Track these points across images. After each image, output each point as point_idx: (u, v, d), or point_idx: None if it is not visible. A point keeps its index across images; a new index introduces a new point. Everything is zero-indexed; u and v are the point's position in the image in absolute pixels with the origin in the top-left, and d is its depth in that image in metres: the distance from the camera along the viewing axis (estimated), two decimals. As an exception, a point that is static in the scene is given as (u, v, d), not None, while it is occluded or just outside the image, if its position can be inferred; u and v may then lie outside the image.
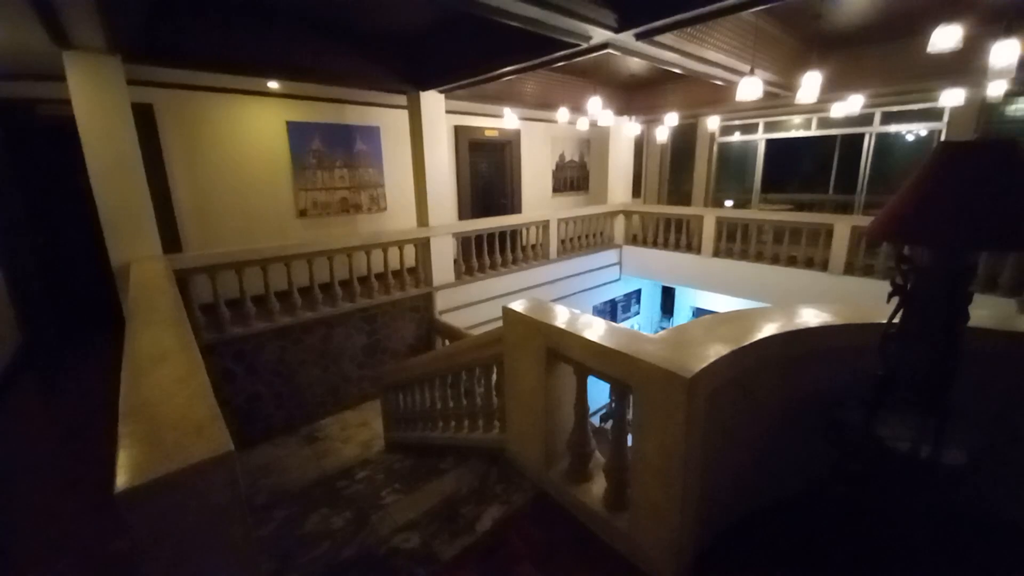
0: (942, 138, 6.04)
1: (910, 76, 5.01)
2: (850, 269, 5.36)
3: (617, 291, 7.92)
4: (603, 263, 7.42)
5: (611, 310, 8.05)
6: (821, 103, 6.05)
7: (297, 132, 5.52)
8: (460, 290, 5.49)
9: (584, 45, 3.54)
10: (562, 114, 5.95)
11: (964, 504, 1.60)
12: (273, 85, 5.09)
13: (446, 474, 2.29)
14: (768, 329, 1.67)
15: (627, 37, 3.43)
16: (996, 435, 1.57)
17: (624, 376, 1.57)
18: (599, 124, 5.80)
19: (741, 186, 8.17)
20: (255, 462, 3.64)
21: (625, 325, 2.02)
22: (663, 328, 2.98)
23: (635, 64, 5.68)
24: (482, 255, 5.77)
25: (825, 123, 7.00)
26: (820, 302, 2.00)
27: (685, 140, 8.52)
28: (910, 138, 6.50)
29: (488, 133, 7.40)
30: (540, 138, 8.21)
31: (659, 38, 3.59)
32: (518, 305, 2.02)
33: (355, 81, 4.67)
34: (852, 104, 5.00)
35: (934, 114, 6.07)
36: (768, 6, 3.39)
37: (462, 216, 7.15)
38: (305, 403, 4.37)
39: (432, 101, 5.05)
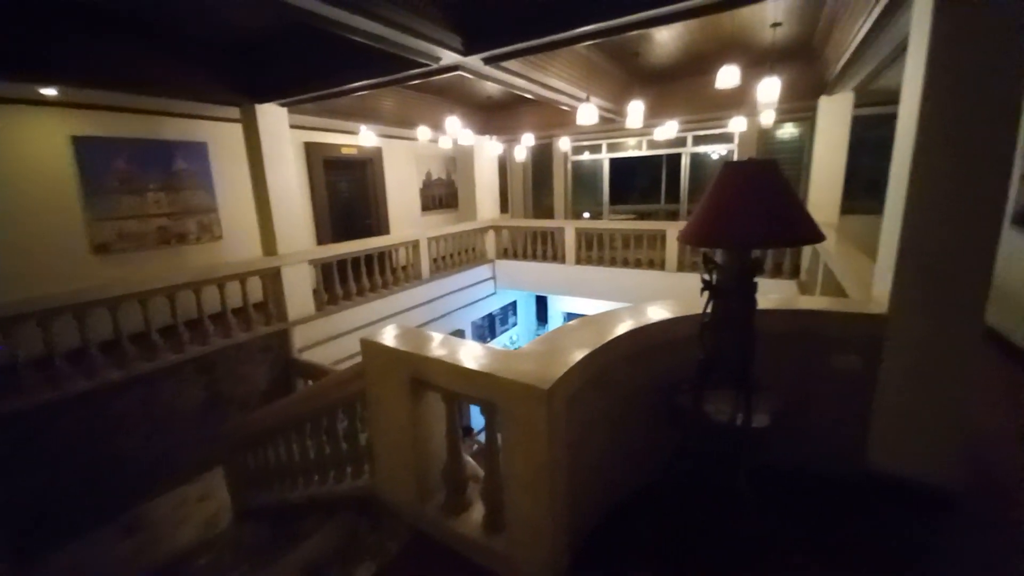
0: (734, 158, 7.51)
1: (707, 106, 6.14)
2: (682, 267, 6.32)
3: (494, 305, 8.09)
4: (478, 279, 7.52)
5: (490, 324, 8.19)
6: (647, 127, 7.04)
7: (90, 150, 4.46)
8: (324, 322, 5.00)
9: (434, 65, 3.56)
10: (423, 132, 5.90)
11: (771, 458, 1.92)
12: (50, 92, 4.05)
13: (309, 538, 1.99)
14: (618, 328, 1.81)
15: (476, 61, 3.54)
16: (790, 401, 1.93)
17: (489, 395, 1.54)
18: (461, 143, 5.88)
19: (594, 199, 9.09)
20: (45, 578, 2.75)
21: (504, 337, 2.01)
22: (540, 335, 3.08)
23: (491, 87, 5.94)
24: (347, 282, 5.35)
25: (653, 144, 8.18)
26: (663, 298, 2.24)
27: (543, 158, 9.18)
28: (715, 156, 7.95)
29: (346, 150, 6.98)
30: (404, 156, 8.05)
31: (506, 64, 3.78)
32: (378, 335, 1.87)
33: (171, 91, 3.98)
34: (669, 129, 5.92)
35: (728, 137, 7.54)
36: (597, 41, 3.86)
37: (321, 240, 6.56)
38: (121, 485, 3.46)
39: (272, 115, 4.56)
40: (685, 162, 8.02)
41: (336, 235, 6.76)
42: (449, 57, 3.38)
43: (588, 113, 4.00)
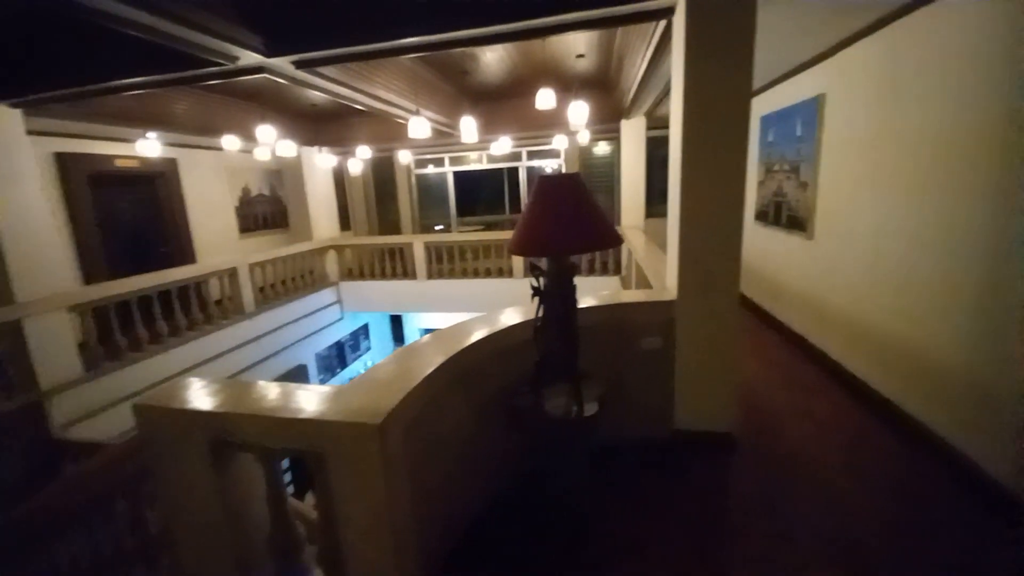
0: (563, 171, 8.37)
1: (533, 125, 6.69)
2: (527, 273, 6.74)
3: (342, 331, 7.44)
4: (320, 304, 6.82)
5: (339, 353, 7.48)
6: (483, 142, 7.37)
7: None
8: (101, 384, 3.86)
9: (231, 65, 3.07)
10: (230, 142, 5.09)
11: (600, 437, 2.12)
12: None
13: None
14: (464, 341, 1.78)
15: (284, 64, 3.18)
16: (612, 384, 2.16)
17: (313, 444, 1.33)
18: (281, 154, 5.25)
19: (442, 212, 9.12)
20: None
21: (358, 364, 1.79)
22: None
23: (315, 95, 5.44)
24: (134, 328, 4.23)
25: (492, 159, 8.59)
26: (515, 303, 2.29)
27: (385, 172, 8.85)
28: (548, 170, 8.74)
29: (123, 163, 5.58)
30: (210, 169, 6.79)
31: (323, 70, 3.49)
32: (161, 396, 1.48)
33: None
34: (503, 144, 6.28)
35: (556, 153, 8.36)
36: (421, 55, 3.85)
37: (92, 277, 5.03)
38: None
39: (-8, 117, 3.38)
40: (523, 175, 8.63)
41: (117, 269, 5.24)
42: (249, 57, 2.96)
43: (419, 127, 3.96)
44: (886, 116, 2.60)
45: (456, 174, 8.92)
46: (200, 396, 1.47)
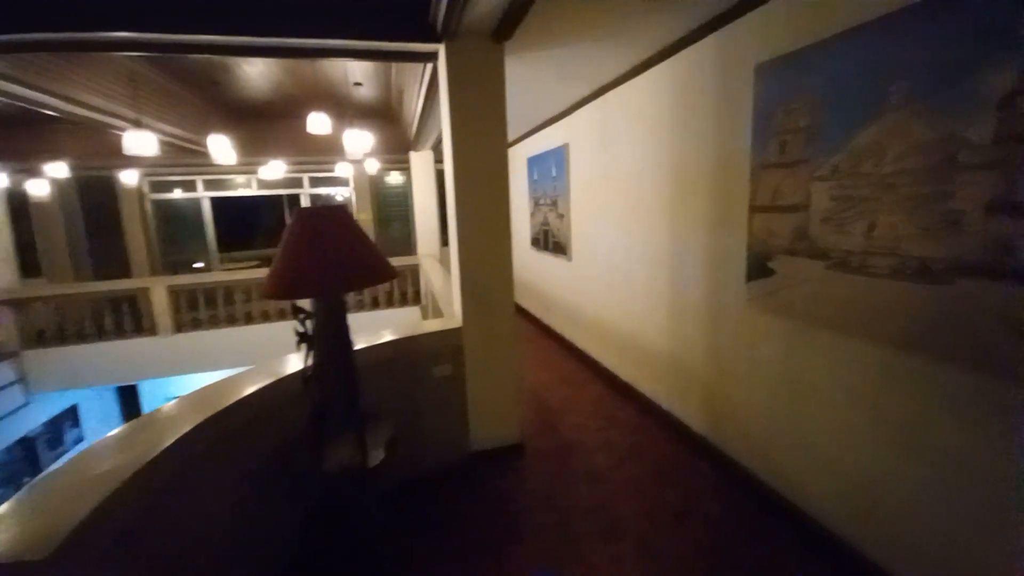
0: (352, 200, 7.95)
1: (312, 150, 6.19)
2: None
3: (31, 421, 5.15)
4: (-15, 387, 4.62)
5: (26, 455, 5.13)
6: (249, 165, 6.42)
7: None
8: None
9: None
10: None
11: (396, 472, 2.03)
12: None
13: None
14: (225, 398, 1.50)
15: None
16: (407, 418, 2.09)
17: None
18: None
19: (198, 246, 7.47)
20: None
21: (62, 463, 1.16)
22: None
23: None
24: None
25: (266, 184, 7.52)
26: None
27: (102, 196, 6.69)
28: (340, 199, 8.14)
29: None
30: None
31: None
32: None
33: None
34: (276, 168, 5.59)
35: (344, 181, 7.89)
36: (141, 55, 3.07)
37: None
38: None
39: None
40: (306, 203, 7.84)
41: None
42: None
43: (141, 141, 3.15)
44: (605, 162, 3.36)
45: (216, 201, 7.47)
46: None
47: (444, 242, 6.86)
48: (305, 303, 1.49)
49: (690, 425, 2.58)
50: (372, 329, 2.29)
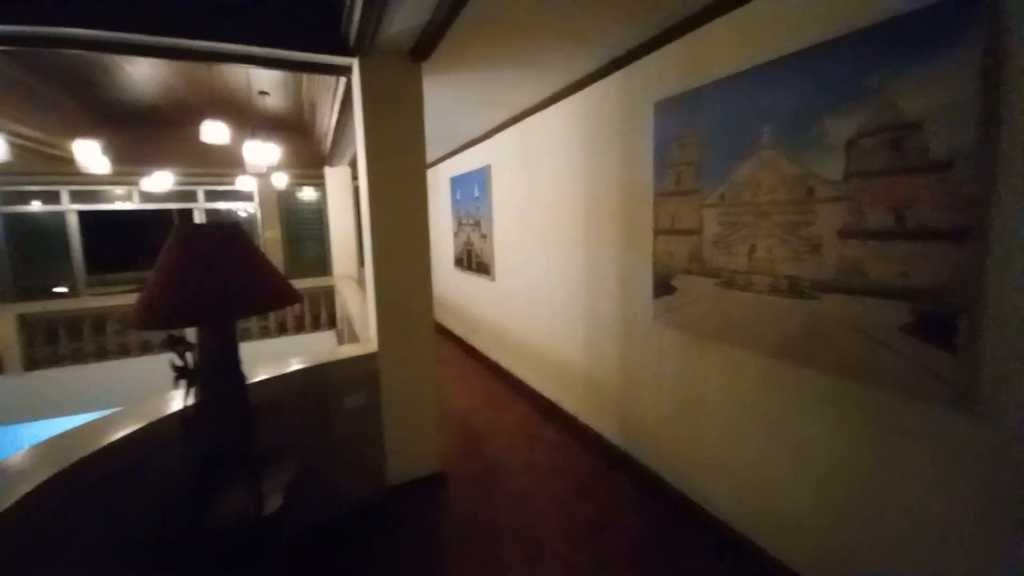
0: (258, 216, 7.32)
1: (208, 161, 5.64)
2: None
3: None
4: None
5: None
6: (131, 175, 5.68)
7: None
8: None
9: None
10: None
11: (305, 517, 1.83)
12: None
13: None
14: (89, 445, 1.25)
15: None
16: (309, 459, 1.90)
17: None
18: None
19: (62, 268, 6.34)
20: None
21: None
22: None
23: None
24: None
25: (150, 197, 6.66)
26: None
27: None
28: (244, 214, 7.42)
29: None
30: None
31: None
32: None
33: None
34: (161, 180, 4.98)
35: (248, 196, 7.24)
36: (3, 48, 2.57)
37: None
38: None
39: None
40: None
41: None
42: None
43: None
44: (525, 185, 3.46)
45: (87, 215, 6.45)
46: None
47: (363, 262, 6.54)
48: (189, 332, 1.30)
49: (608, 438, 2.67)
50: (278, 357, 2.08)
